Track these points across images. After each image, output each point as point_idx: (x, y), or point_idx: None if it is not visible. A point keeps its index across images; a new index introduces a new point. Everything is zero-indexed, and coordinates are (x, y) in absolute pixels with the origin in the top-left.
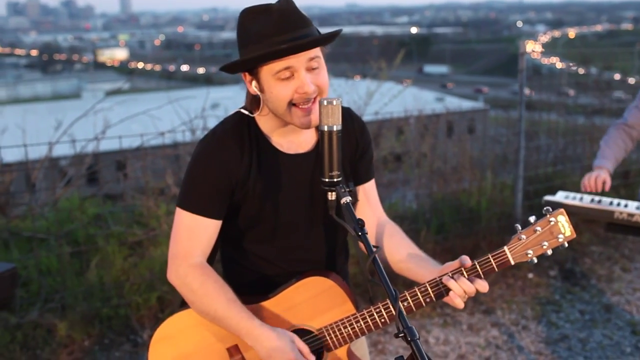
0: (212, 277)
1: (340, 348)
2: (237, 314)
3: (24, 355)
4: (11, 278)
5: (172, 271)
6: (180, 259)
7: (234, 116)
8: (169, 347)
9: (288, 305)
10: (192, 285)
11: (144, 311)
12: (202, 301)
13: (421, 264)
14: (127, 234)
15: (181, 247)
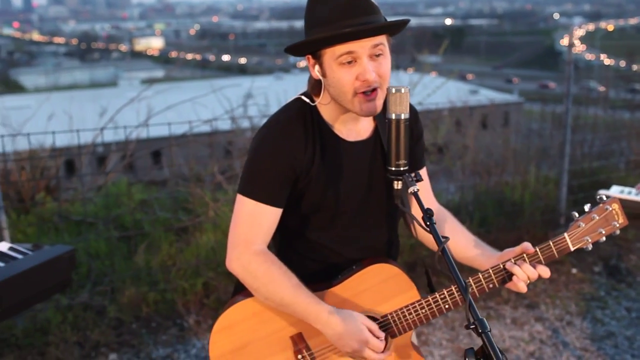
0: (275, 263)
1: (404, 335)
2: (305, 299)
3: (75, 336)
4: (70, 260)
5: (234, 259)
6: (242, 247)
7: (296, 103)
8: (230, 337)
9: (353, 292)
10: (256, 273)
11: (189, 296)
12: (267, 288)
13: (480, 251)
14: (172, 220)
15: (243, 235)
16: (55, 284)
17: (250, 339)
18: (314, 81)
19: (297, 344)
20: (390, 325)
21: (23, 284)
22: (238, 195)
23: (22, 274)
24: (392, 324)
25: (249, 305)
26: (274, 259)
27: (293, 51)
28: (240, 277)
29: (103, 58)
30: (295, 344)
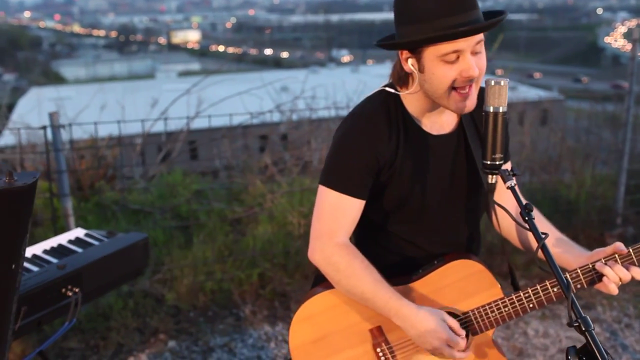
0: (358, 257)
1: (485, 332)
2: (385, 294)
3: (135, 322)
4: (144, 248)
5: (317, 250)
6: (325, 238)
7: (380, 94)
8: (310, 327)
9: (434, 288)
10: (338, 265)
11: (245, 287)
12: (349, 281)
13: (568, 250)
14: (227, 211)
15: (326, 226)
16: (131, 271)
17: (330, 330)
18: (402, 73)
19: (376, 337)
20: (471, 322)
21: (103, 269)
22: (320, 186)
23: (103, 260)
24: (474, 321)
25: (330, 297)
26: (357, 252)
27: (392, 47)
28: (322, 268)
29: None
30: (374, 337)
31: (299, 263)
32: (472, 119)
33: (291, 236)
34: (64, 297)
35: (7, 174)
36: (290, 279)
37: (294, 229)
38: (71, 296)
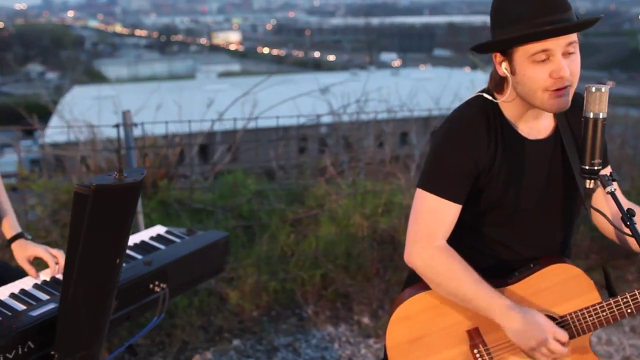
0: (457, 258)
1: (582, 336)
2: (487, 294)
3: (200, 320)
4: (225, 246)
5: (415, 253)
6: (424, 241)
7: (477, 99)
8: (407, 327)
9: (531, 291)
10: (438, 268)
11: (308, 287)
12: (450, 283)
13: None
14: (287, 212)
15: (425, 229)
16: (211, 268)
17: (427, 330)
18: (498, 78)
19: (473, 339)
20: (569, 326)
21: (187, 266)
22: (419, 189)
23: (187, 257)
24: (571, 325)
25: (427, 298)
26: (455, 255)
27: (483, 49)
28: (421, 271)
29: (182, 51)
30: (472, 339)
31: (361, 265)
32: (569, 125)
33: (353, 238)
34: (151, 292)
35: (117, 171)
36: (352, 281)
37: (356, 231)
38: (158, 292)
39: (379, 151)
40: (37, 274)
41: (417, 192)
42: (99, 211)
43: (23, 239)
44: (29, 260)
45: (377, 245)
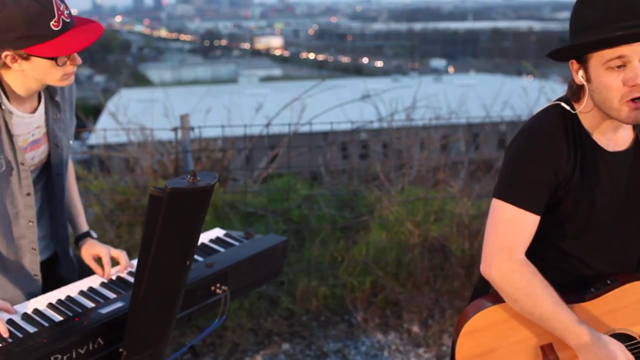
0: (538, 276)
1: None
2: (565, 318)
3: (250, 322)
4: (283, 250)
5: (493, 265)
6: (504, 254)
7: (555, 109)
8: (477, 341)
9: (610, 309)
10: (518, 283)
11: (357, 293)
12: (527, 300)
13: None
14: (337, 217)
15: (504, 242)
16: (270, 272)
17: (498, 345)
18: (575, 87)
19: (547, 355)
20: None
21: (247, 269)
22: (496, 200)
23: (247, 260)
24: None
25: (497, 311)
26: (536, 271)
27: (557, 55)
28: (498, 285)
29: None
30: (545, 355)
31: (411, 273)
32: None
33: (404, 245)
34: (212, 294)
35: (190, 174)
36: (402, 288)
37: (406, 238)
38: (219, 294)
39: (428, 158)
40: (102, 272)
41: (495, 203)
42: (172, 214)
43: (90, 237)
44: (94, 258)
45: (427, 253)
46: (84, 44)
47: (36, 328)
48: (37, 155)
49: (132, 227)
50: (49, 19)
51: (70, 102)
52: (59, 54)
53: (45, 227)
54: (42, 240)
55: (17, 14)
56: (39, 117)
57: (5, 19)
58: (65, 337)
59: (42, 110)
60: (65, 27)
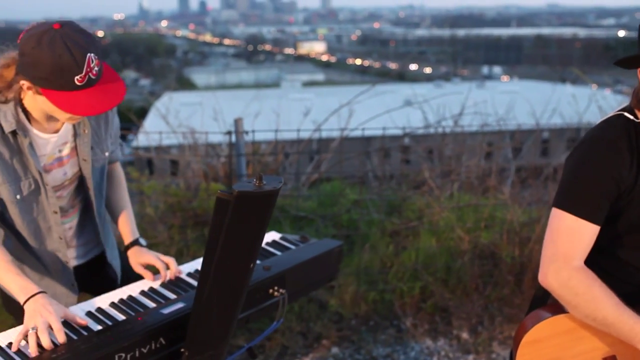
0: (597, 280)
1: None
2: (630, 318)
3: (299, 326)
4: (338, 255)
5: (551, 273)
6: (561, 262)
7: (619, 119)
8: (538, 351)
9: None
10: (576, 289)
11: (407, 299)
12: (588, 305)
13: None
14: (386, 223)
15: (562, 250)
16: (325, 276)
17: (559, 356)
18: (638, 98)
19: None
20: None
21: (303, 273)
22: (556, 209)
23: (304, 264)
24: None
25: (560, 322)
26: (594, 276)
27: (626, 64)
28: (557, 292)
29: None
30: None
31: (461, 279)
32: None
33: (453, 251)
34: (270, 297)
35: (257, 178)
36: (452, 295)
37: (456, 244)
38: (277, 296)
39: (476, 165)
40: (153, 277)
41: (554, 212)
42: (238, 217)
43: (138, 245)
44: (142, 266)
45: (477, 260)
46: (94, 111)
47: (100, 326)
48: (68, 169)
49: (184, 229)
50: (75, 74)
51: (105, 114)
52: (67, 110)
53: (85, 235)
54: (82, 247)
55: (48, 59)
56: (64, 135)
57: (35, 57)
58: (129, 336)
59: (68, 127)
60: (89, 83)
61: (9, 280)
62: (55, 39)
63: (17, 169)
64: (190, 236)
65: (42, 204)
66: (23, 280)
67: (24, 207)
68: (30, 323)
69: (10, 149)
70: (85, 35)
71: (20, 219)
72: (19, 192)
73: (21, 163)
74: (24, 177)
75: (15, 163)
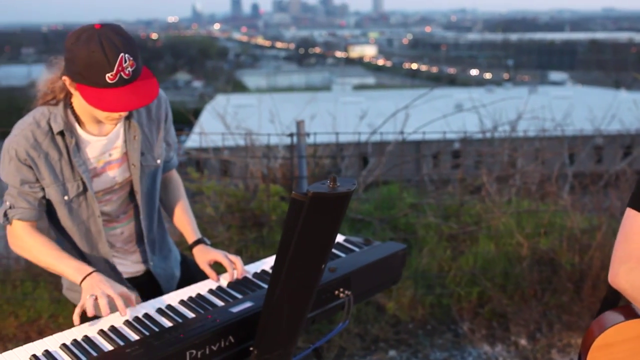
0: None
1: None
2: None
3: (357, 328)
4: (402, 258)
5: (623, 273)
6: (632, 262)
7: None
8: (609, 356)
9: None
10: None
11: (464, 304)
12: None
13: None
14: (443, 227)
15: (634, 250)
16: (389, 279)
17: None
18: None
19: None
20: None
21: (368, 275)
22: (630, 209)
23: (369, 266)
24: None
25: (633, 326)
26: None
27: None
28: (628, 293)
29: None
30: None
31: (519, 285)
32: None
33: (512, 257)
34: (336, 298)
35: (331, 180)
36: (510, 301)
37: (515, 250)
38: (343, 298)
39: (534, 170)
40: (217, 278)
41: (628, 212)
42: (312, 217)
43: (203, 244)
44: (209, 264)
45: (536, 266)
46: (124, 108)
47: (171, 323)
48: (118, 174)
49: (242, 230)
50: (106, 71)
51: (158, 121)
52: (97, 106)
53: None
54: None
55: (82, 54)
56: (113, 139)
57: (73, 53)
58: (199, 333)
59: (119, 131)
60: (121, 82)
61: (63, 265)
62: (92, 37)
63: (65, 170)
64: (249, 237)
65: (91, 207)
66: (76, 262)
67: (74, 209)
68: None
69: (58, 151)
70: (123, 37)
71: (70, 221)
72: (66, 194)
73: (69, 165)
74: (71, 179)
75: (63, 164)
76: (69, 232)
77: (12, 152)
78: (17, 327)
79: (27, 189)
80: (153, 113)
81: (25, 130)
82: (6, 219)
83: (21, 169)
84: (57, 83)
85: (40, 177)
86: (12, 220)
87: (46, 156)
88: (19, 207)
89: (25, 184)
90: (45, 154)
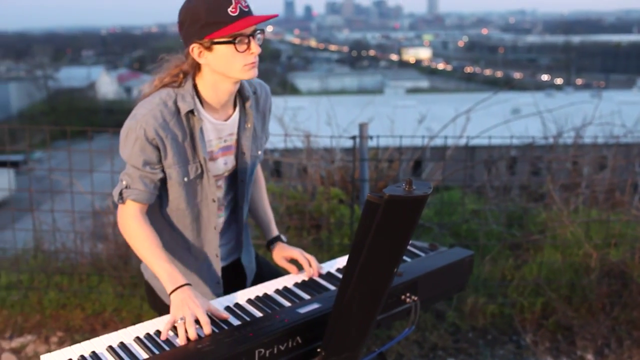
0: None
1: None
2: None
3: (415, 334)
4: (469, 264)
5: None
6: None
7: None
8: None
9: None
10: None
11: (527, 314)
12: None
13: None
14: (506, 235)
15: None
16: (455, 285)
17: None
18: None
19: None
20: None
21: (435, 281)
22: None
23: (436, 272)
24: None
25: None
26: None
27: None
28: None
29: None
30: None
31: (586, 297)
32: None
33: (579, 268)
34: (402, 303)
35: (407, 183)
36: (576, 313)
37: (582, 261)
38: (409, 303)
39: (603, 178)
40: (297, 272)
41: None
42: (387, 220)
43: (281, 241)
44: (287, 260)
45: (605, 278)
46: (258, 20)
47: (239, 321)
48: (229, 161)
49: (300, 231)
50: (227, 6)
51: (263, 113)
52: (235, 30)
53: (229, 234)
54: (225, 246)
55: (200, 5)
56: (232, 125)
57: (191, 11)
58: (268, 332)
59: (236, 118)
60: (242, 14)
61: (159, 267)
62: None
63: (188, 151)
64: (307, 239)
65: (205, 191)
66: (172, 269)
67: (190, 191)
68: (178, 313)
69: (182, 132)
70: None
71: (185, 202)
72: (186, 175)
73: (191, 146)
74: (192, 161)
75: (186, 146)
76: (181, 215)
77: (139, 132)
78: (83, 319)
79: (147, 170)
80: (260, 104)
81: (154, 110)
82: (120, 198)
83: (146, 149)
84: (182, 66)
85: (165, 157)
86: (127, 200)
87: (173, 136)
88: (135, 188)
89: (147, 165)
90: (173, 134)
